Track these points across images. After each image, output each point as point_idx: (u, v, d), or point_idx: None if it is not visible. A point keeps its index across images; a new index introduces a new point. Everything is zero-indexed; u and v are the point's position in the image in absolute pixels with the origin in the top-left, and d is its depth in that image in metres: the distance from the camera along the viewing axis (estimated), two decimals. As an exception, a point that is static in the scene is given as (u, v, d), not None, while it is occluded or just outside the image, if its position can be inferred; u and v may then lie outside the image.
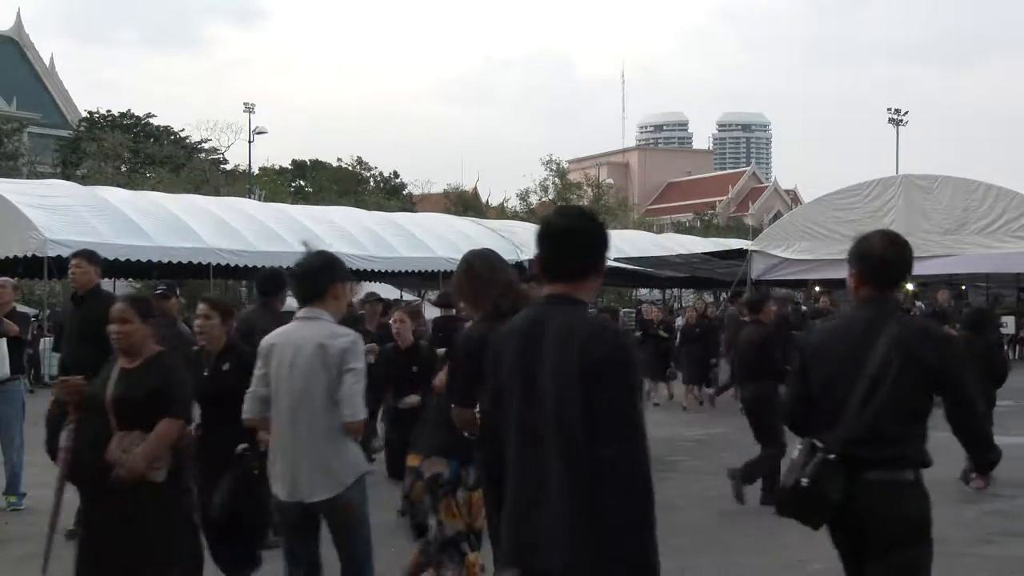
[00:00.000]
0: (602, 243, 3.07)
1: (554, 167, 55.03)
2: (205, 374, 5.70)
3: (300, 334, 4.43)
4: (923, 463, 3.60)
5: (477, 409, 4.22)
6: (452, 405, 4.32)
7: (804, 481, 3.51)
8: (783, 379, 8.82)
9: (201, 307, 5.84)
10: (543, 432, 2.88)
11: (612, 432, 2.78)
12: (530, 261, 3.23)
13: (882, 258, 3.69)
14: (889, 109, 55.61)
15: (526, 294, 4.40)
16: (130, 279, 30.28)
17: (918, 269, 18.14)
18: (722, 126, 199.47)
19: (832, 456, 3.51)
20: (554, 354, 2.89)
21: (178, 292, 8.24)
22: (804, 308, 19.26)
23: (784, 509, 3.66)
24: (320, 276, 4.56)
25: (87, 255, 7.37)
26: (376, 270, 24.12)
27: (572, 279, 3.00)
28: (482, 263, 4.43)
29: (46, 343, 18.76)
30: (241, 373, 5.47)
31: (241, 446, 5.29)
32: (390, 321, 9.04)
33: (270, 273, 7.90)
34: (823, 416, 3.63)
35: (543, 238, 3.03)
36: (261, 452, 5.14)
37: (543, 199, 55.24)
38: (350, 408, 4.35)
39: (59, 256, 18.59)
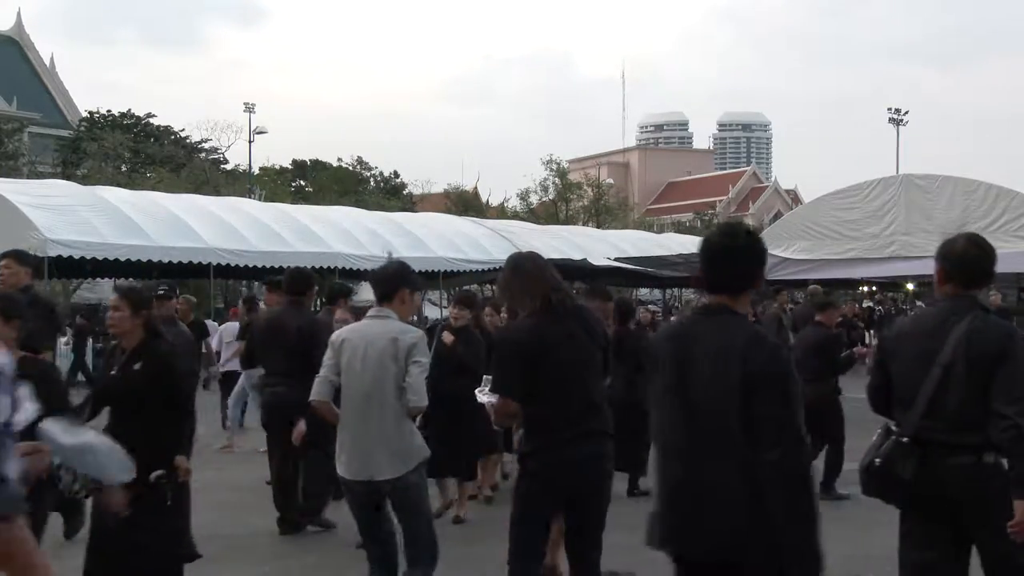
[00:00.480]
0: (762, 260, 3.36)
1: (554, 167, 54.95)
2: (113, 373, 5.15)
3: (371, 330, 4.88)
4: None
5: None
6: (497, 395, 4.45)
7: (877, 461, 3.83)
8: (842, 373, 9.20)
9: (111, 298, 5.29)
10: (699, 432, 3.16)
11: (776, 436, 3.04)
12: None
13: (962, 257, 3.99)
14: (889, 109, 55.69)
15: (570, 293, 4.63)
16: (130, 279, 30.29)
17: (918, 269, 18.09)
18: (722, 126, 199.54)
19: (905, 439, 3.79)
20: (713, 361, 3.16)
21: (177, 292, 8.25)
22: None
23: (864, 488, 3.97)
24: (391, 281, 5.01)
25: (16, 255, 7.25)
26: (376, 270, 24.11)
27: (732, 292, 3.28)
28: (531, 263, 4.59)
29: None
30: (154, 375, 5.00)
31: (157, 473, 4.81)
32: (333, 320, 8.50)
33: (298, 273, 8.20)
34: (900, 402, 3.89)
35: (708, 253, 3.33)
36: (181, 482, 5.03)
37: (543, 199, 55.22)
38: (415, 395, 4.78)
39: (59, 256, 18.58)
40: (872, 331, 24.26)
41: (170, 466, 4.92)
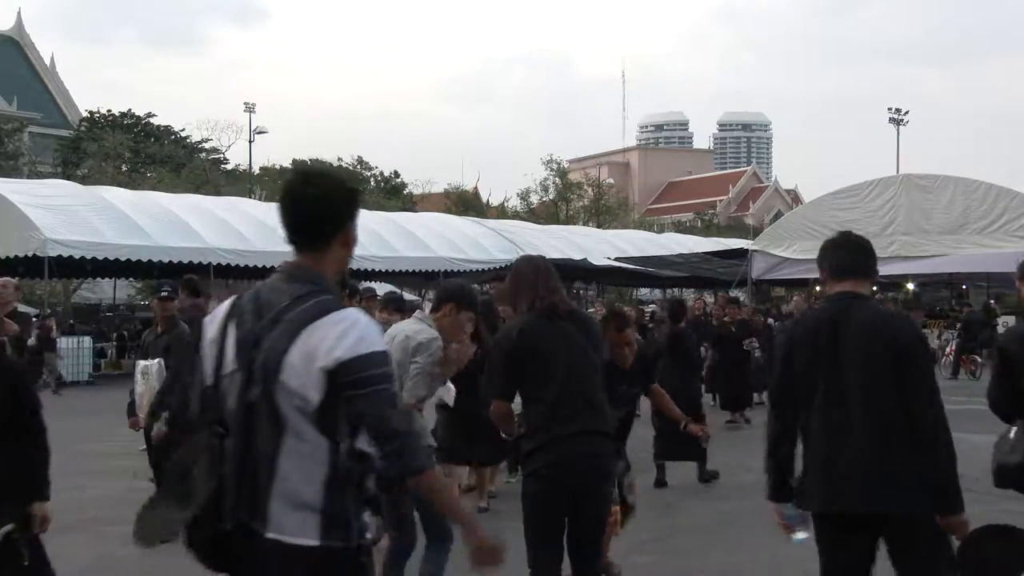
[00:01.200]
0: (874, 251, 3.91)
1: (555, 167, 55.01)
2: None
3: (401, 327, 5.40)
4: None
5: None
6: (491, 398, 4.50)
7: None
8: None
9: None
10: (849, 400, 3.61)
11: (929, 399, 3.59)
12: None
13: None
14: (889, 109, 55.67)
15: (565, 297, 4.63)
16: (130, 279, 30.29)
17: (918, 269, 18.13)
18: (722, 126, 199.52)
19: None
20: (863, 340, 3.63)
21: (179, 292, 8.28)
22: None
23: (1006, 482, 4.23)
24: (441, 294, 5.45)
25: None
26: (376, 269, 24.14)
27: (859, 278, 3.79)
28: (529, 266, 4.65)
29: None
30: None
31: (7, 527, 3.87)
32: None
33: None
34: None
35: (836, 247, 3.85)
36: (33, 535, 4.04)
37: (543, 199, 55.24)
38: (406, 391, 5.08)
39: (60, 256, 18.58)
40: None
41: (23, 516, 3.95)
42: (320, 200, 2.68)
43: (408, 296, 27.96)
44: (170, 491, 2.59)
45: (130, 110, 51.97)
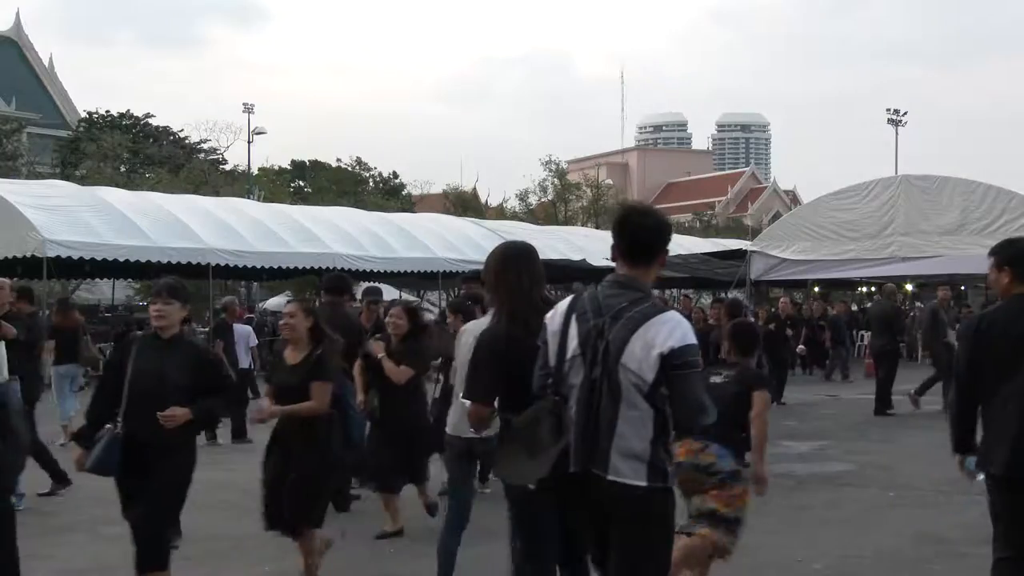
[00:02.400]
0: None
1: (553, 167, 54.96)
2: None
3: (474, 326, 5.75)
4: None
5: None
6: (470, 400, 4.32)
7: None
8: None
9: None
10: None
11: None
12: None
13: None
14: (888, 109, 55.81)
15: (547, 297, 4.46)
16: (130, 279, 30.26)
17: (918, 269, 18.11)
18: (721, 126, 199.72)
19: None
20: None
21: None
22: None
23: None
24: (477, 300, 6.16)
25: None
26: (375, 270, 24.08)
27: None
28: (501, 263, 4.46)
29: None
30: None
31: None
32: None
33: (337, 276, 8.97)
34: None
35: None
36: None
37: (542, 199, 55.21)
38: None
39: (58, 257, 18.56)
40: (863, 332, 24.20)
41: None
42: (654, 229, 3.58)
43: (407, 296, 27.94)
44: (519, 442, 3.45)
45: (128, 111, 51.93)
